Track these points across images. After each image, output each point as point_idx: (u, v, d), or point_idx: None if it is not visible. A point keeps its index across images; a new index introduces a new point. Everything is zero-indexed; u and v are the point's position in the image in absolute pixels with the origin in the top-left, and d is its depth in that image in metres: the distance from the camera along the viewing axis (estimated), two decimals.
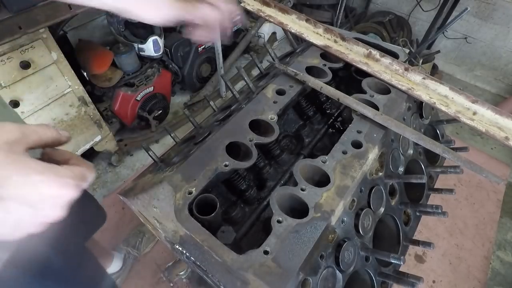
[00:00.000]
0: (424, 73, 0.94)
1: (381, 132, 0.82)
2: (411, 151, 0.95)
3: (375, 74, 0.96)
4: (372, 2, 3.59)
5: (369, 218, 0.76)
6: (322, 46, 1.04)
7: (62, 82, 1.68)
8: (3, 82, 1.45)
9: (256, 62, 1.12)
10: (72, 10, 1.52)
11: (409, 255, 1.14)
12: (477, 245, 1.20)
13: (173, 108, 2.74)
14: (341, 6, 2.48)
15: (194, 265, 0.60)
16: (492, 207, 1.31)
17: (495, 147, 2.63)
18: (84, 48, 2.03)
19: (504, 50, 3.00)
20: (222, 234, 0.82)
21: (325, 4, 3.32)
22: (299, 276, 0.59)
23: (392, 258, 0.71)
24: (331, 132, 1.10)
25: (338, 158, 0.75)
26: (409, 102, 0.94)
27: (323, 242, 0.64)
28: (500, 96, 3.21)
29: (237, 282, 0.56)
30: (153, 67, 2.30)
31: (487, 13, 2.90)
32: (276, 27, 3.15)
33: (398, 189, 0.88)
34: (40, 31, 1.46)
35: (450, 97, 0.90)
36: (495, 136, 0.84)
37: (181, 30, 2.56)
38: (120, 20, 2.05)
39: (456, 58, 3.32)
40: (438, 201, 1.24)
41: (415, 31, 3.35)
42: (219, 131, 0.80)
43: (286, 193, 0.69)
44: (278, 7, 1.13)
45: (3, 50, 1.39)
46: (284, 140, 1.04)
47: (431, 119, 1.08)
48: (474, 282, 1.11)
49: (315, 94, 1.11)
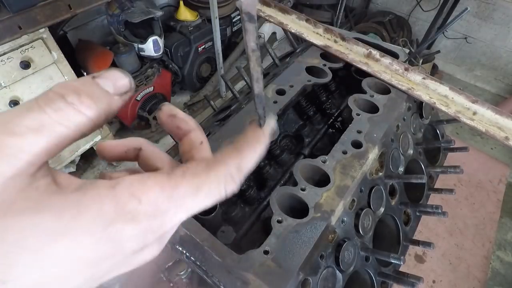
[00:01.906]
0: (424, 73, 0.94)
1: (381, 132, 0.82)
2: (411, 151, 0.95)
3: (375, 74, 0.96)
4: (372, 2, 3.59)
5: (369, 218, 0.76)
6: (322, 46, 1.04)
7: (62, 82, 1.68)
8: (3, 82, 1.45)
9: None
10: (72, 10, 1.53)
11: (409, 255, 1.14)
12: (477, 245, 1.20)
13: None
14: (341, 6, 2.48)
15: (194, 265, 0.60)
16: (492, 207, 1.31)
17: (495, 147, 2.63)
18: (84, 48, 2.03)
19: (504, 50, 3.00)
20: (222, 234, 0.82)
21: (325, 4, 3.33)
22: (299, 276, 0.59)
23: (392, 258, 0.71)
24: (331, 132, 1.10)
25: (338, 158, 0.75)
26: (409, 102, 0.94)
27: (323, 242, 0.64)
28: (500, 96, 3.21)
29: (237, 282, 0.56)
30: (153, 67, 2.30)
31: (487, 13, 2.91)
32: (276, 27, 3.15)
33: (398, 189, 0.88)
34: (40, 31, 1.46)
35: (450, 97, 0.90)
36: (495, 136, 0.84)
37: (181, 30, 2.56)
38: (120, 20, 2.05)
39: (456, 58, 3.32)
40: (438, 201, 1.24)
41: (415, 31, 3.36)
42: (219, 131, 0.80)
43: (286, 193, 0.69)
44: (278, 7, 1.13)
45: (3, 50, 1.39)
46: (284, 140, 1.04)
47: (431, 119, 1.08)
48: (474, 282, 1.11)
49: (315, 94, 1.11)
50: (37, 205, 0.18)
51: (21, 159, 0.18)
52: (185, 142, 0.28)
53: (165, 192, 0.21)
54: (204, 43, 2.66)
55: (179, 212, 0.22)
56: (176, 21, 2.59)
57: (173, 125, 0.29)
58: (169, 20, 2.62)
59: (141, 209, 0.20)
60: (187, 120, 0.29)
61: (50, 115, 0.19)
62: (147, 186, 0.21)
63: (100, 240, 0.19)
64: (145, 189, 0.21)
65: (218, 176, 0.23)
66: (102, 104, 0.21)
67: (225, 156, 0.24)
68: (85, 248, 0.19)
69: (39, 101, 0.19)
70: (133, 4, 2.03)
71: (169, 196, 0.21)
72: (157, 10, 2.15)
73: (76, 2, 1.52)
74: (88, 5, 1.61)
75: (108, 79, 0.22)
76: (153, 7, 2.15)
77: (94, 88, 0.21)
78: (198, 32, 2.58)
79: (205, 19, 2.66)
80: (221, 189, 0.23)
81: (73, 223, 0.18)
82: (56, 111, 0.19)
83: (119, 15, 2.02)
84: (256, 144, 0.26)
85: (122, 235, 0.20)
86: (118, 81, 0.23)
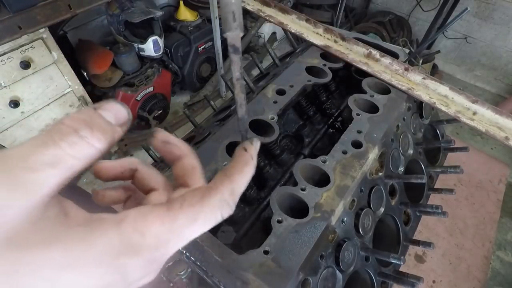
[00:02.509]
0: (424, 73, 0.94)
1: (381, 132, 0.82)
2: (411, 151, 0.95)
3: (375, 74, 0.96)
4: (372, 2, 3.60)
5: (369, 218, 0.76)
6: (322, 46, 1.04)
7: (62, 82, 1.68)
8: (3, 82, 1.45)
9: (256, 62, 1.12)
10: (72, 10, 1.53)
11: (409, 255, 1.14)
12: (477, 245, 1.20)
13: (173, 108, 2.74)
14: (341, 6, 2.49)
15: (194, 265, 0.60)
16: (492, 207, 1.31)
17: (495, 147, 2.63)
18: (84, 48, 2.03)
19: (504, 50, 3.00)
20: (222, 234, 0.82)
21: (325, 4, 3.33)
22: (299, 276, 0.59)
23: (392, 258, 0.71)
24: (331, 132, 1.10)
25: (338, 158, 0.75)
26: (409, 102, 0.94)
27: (323, 242, 0.64)
28: (500, 96, 3.21)
29: (237, 282, 0.56)
30: (153, 67, 2.30)
31: (487, 13, 2.91)
32: (276, 27, 3.15)
33: (398, 189, 0.88)
34: (40, 31, 1.46)
35: (450, 97, 0.90)
36: (495, 136, 0.84)
37: (181, 30, 2.56)
38: (120, 20, 2.05)
39: (456, 58, 3.32)
40: (438, 201, 1.24)
41: (415, 31, 3.36)
42: (219, 131, 0.80)
43: (286, 193, 0.69)
44: (278, 7, 1.13)
45: (3, 50, 1.39)
46: (284, 140, 1.04)
47: (431, 119, 1.08)
48: (474, 282, 1.11)
49: (315, 94, 1.11)
50: (50, 238, 0.20)
51: (37, 193, 0.20)
52: (178, 166, 0.30)
53: (165, 225, 0.23)
54: (204, 43, 2.66)
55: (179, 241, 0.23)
56: (176, 21, 2.59)
57: (166, 150, 0.30)
58: (169, 20, 2.62)
59: (144, 242, 0.22)
60: (179, 146, 0.30)
61: (65, 149, 0.20)
62: (149, 221, 0.22)
63: (107, 272, 0.21)
64: (147, 224, 0.22)
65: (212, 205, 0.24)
66: (109, 135, 0.23)
67: (218, 184, 0.26)
68: (93, 278, 0.20)
69: (54, 136, 0.21)
70: (133, 4, 2.03)
71: (169, 229, 0.23)
72: (157, 10, 2.15)
73: (76, 2, 1.52)
74: (88, 5, 1.61)
75: (110, 111, 0.24)
76: (153, 7, 2.15)
77: (101, 120, 0.23)
78: (198, 32, 2.58)
79: (205, 19, 2.66)
80: (217, 215, 0.25)
81: (83, 256, 0.20)
82: (71, 145, 0.21)
83: (119, 15, 2.02)
84: (245, 167, 0.28)
85: (127, 266, 0.21)
86: (119, 112, 0.24)
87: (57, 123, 0.21)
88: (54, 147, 0.20)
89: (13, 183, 0.19)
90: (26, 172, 0.19)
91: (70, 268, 0.19)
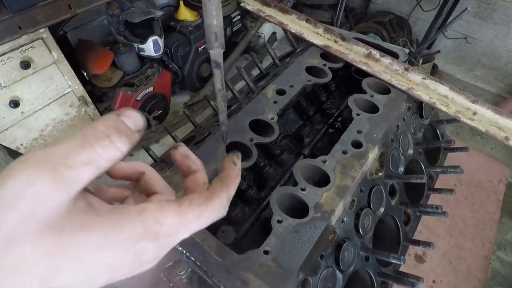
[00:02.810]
0: (424, 73, 0.94)
1: (381, 132, 0.82)
2: (411, 151, 0.95)
3: (375, 74, 0.96)
4: (372, 2, 3.60)
5: (369, 218, 0.76)
6: (322, 46, 1.04)
7: (62, 82, 1.68)
8: (3, 82, 1.45)
9: (256, 62, 1.12)
10: (72, 10, 1.53)
11: (409, 255, 1.14)
12: (477, 245, 1.20)
13: (173, 108, 2.74)
14: (341, 6, 2.48)
15: (194, 265, 0.60)
16: (492, 207, 1.31)
17: (495, 147, 2.63)
18: (84, 48, 2.03)
19: (504, 50, 3.00)
20: (222, 234, 0.82)
21: (325, 4, 3.33)
22: (299, 276, 0.59)
23: (392, 258, 0.71)
24: (331, 132, 1.10)
25: (338, 158, 0.75)
26: (409, 102, 0.94)
27: (323, 242, 0.64)
28: (500, 96, 3.21)
29: (237, 282, 0.56)
30: (153, 67, 2.30)
31: (487, 13, 2.91)
32: (276, 27, 3.15)
33: (398, 189, 0.88)
34: (40, 31, 1.46)
35: (450, 97, 0.90)
36: (495, 136, 0.84)
37: (181, 30, 2.56)
38: (120, 20, 2.05)
39: (456, 58, 3.32)
40: (438, 201, 1.24)
41: (415, 31, 3.36)
42: (219, 131, 0.80)
43: (286, 193, 0.69)
44: (278, 7, 1.13)
45: (3, 50, 1.39)
46: (284, 140, 1.04)
47: (431, 119, 1.08)
48: (474, 282, 1.11)
49: (315, 94, 1.11)
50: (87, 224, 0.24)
51: (73, 188, 0.23)
52: (191, 179, 0.35)
53: (178, 218, 0.27)
54: (204, 43, 2.66)
55: (185, 233, 0.28)
56: (176, 21, 2.59)
57: (185, 164, 0.35)
58: (169, 20, 2.61)
59: (161, 230, 0.26)
60: (197, 162, 0.35)
61: (98, 151, 0.24)
62: (166, 213, 0.27)
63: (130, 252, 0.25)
64: (164, 215, 0.26)
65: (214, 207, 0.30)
66: (131, 140, 0.27)
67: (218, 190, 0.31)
68: (117, 257, 0.24)
69: (90, 139, 0.24)
70: (133, 4, 2.03)
71: (180, 221, 0.27)
72: (157, 10, 2.15)
73: (76, 2, 1.52)
74: (88, 5, 1.61)
75: (130, 118, 0.28)
76: (153, 7, 2.15)
77: (125, 127, 0.27)
78: (198, 32, 2.58)
79: None
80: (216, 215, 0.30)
81: (114, 239, 0.24)
82: (103, 148, 0.24)
83: (119, 15, 2.02)
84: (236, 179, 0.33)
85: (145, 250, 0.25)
86: (137, 120, 0.28)
87: (91, 127, 0.25)
88: (90, 149, 0.24)
89: (56, 178, 0.22)
90: (66, 169, 0.23)
91: (103, 249, 0.23)
